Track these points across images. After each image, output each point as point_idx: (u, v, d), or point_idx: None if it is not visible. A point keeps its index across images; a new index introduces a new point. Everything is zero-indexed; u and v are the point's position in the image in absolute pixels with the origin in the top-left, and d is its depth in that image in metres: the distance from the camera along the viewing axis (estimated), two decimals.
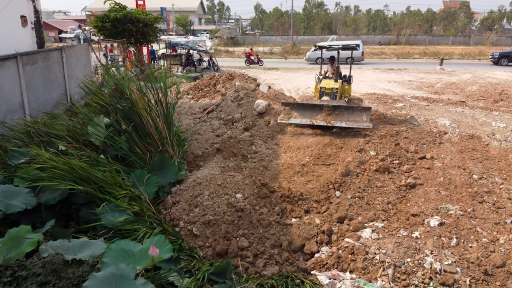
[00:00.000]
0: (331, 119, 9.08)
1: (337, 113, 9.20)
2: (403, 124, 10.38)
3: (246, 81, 14.37)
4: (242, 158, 7.65)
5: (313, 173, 6.78)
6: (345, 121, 9.01)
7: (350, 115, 9.15)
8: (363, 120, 9.00)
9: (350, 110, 9.22)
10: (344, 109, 9.22)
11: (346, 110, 9.21)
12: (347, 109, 9.25)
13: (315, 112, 9.28)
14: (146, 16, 19.26)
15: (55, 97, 10.51)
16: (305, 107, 9.45)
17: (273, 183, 6.12)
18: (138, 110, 6.13)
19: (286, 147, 8.33)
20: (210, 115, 11.51)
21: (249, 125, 9.27)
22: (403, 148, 7.89)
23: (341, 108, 9.23)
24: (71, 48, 11.83)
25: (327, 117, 9.14)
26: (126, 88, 6.20)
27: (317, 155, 7.64)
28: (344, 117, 9.13)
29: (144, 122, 6.14)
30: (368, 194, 6.07)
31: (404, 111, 12.25)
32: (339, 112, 9.21)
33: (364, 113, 9.12)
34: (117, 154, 6.11)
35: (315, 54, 28.99)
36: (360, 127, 8.96)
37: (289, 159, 7.53)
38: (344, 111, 9.20)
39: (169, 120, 7.21)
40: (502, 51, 29.92)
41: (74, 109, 7.41)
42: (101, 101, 6.36)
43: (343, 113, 9.19)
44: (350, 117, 9.12)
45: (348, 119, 9.09)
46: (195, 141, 9.33)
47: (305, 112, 9.32)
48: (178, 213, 5.44)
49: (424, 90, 16.49)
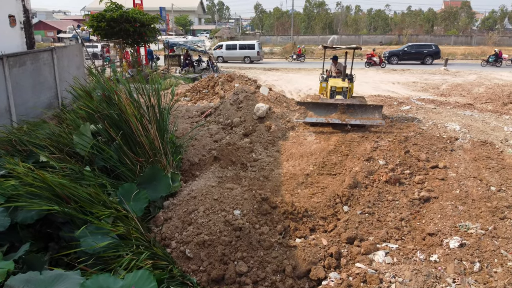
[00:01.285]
0: (346, 117, 9.44)
1: (351, 111, 9.57)
2: (410, 128, 9.87)
3: (246, 82, 13.84)
4: (241, 166, 7.14)
5: (318, 184, 6.27)
6: (359, 119, 9.39)
7: (363, 113, 9.53)
8: (376, 118, 9.44)
9: (363, 108, 9.57)
10: (357, 107, 9.57)
11: (359, 108, 9.57)
12: (361, 107, 9.59)
13: (330, 110, 9.66)
14: (143, 16, 18.75)
15: (45, 100, 10.00)
16: (320, 106, 9.82)
17: (275, 197, 5.61)
18: (127, 117, 5.62)
19: (288, 155, 7.82)
20: (208, 118, 11.00)
21: (249, 130, 8.76)
22: (413, 156, 7.38)
23: (355, 106, 9.58)
24: (62, 49, 11.32)
25: (342, 115, 9.50)
26: (113, 93, 5.68)
27: (322, 163, 7.13)
28: (358, 115, 9.50)
29: (134, 130, 5.63)
30: (379, 209, 5.56)
31: (411, 115, 11.74)
32: (352, 110, 9.57)
33: (376, 110, 9.57)
34: (104, 166, 5.59)
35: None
36: (374, 124, 9.34)
37: (291, 168, 7.01)
38: (357, 109, 9.56)
39: (163, 127, 6.71)
40: (391, 50, 31.36)
41: (62, 115, 6.89)
42: (87, 108, 5.84)
43: (357, 111, 9.56)
44: (364, 115, 9.50)
45: (361, 116, 9.47)
46: (192, 147, 8.83)
47: (320, 111, 9.71)
48: (170, 232, 4.94)
49: (429, 92, 15.98)
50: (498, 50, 28.04)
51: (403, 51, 29.56)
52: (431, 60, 28.73)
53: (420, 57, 28.75)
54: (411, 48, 29.45)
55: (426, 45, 30.46)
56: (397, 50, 30.25)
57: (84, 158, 5.55)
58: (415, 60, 28.94)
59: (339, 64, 12.34)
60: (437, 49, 29.25)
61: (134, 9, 19.13)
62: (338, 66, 12.28)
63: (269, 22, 75.28)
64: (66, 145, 5.64)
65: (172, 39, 22.93)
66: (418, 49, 29.27)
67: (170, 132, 7.66)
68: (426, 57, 28.66)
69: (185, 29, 64.94)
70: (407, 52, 29.27)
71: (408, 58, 29.12)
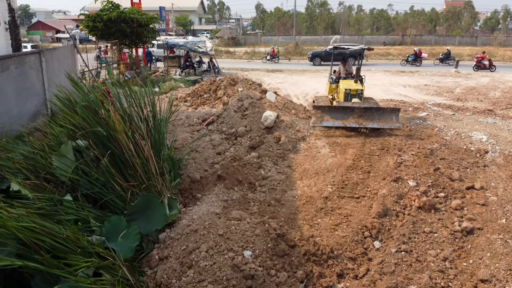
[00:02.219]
0: (363, 120, 9.22)
1: (368, 115, 9.32)
2: (433, 139, 8.97)
3: (250, 86, 12.97)
4: (249, 186, 6.25)
5: (340, 211, 5.38)
6: (376, 122, 9.21)
7: (380, 116, 9.32)
8: (393, 121, 9.29)
9: (380, 111, 9.39)
10: (374, 111, 9.36)
11: (376, 111, 9.36)
12: (378, 110, 9.40)
13: (346, 114, 9.36)
14: (141, 16, 17.84)
15: (32, 108, 9.13)
16: (337, 109, 9.53)
17: (291, 229, 4.72)
18: (115, 135, 4.73)
19: (301, 171, 6.93)
20: (210, 127, 10.12)
21: (256, 142, 7.87)
22: (444, 174, 6.49)
23: (372, 109, 9.38)
24: (52, 51, 10.44)
25: (359, 119, 9.26)
26: (99, 106, 4.80)
27: (341, 183, 6.24)
28: (375, 118, 9.30)
29: (124, 150, 4.74)
30: (416, 245, 4.67)
31: (429, 122, 10.85)
32: (369, 113, 9.33)
33: (393, 114, 9.38)
34: (89, 193, 4.71)
35: None
36: (392, 127, 9.20)
37: (307, 188, 6.12)
38: (374, 112, 9.34)
39: (159, 142, 5.83)
40: (314, 51, 31.68)
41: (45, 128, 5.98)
42: (69, 124, 4.96)
43: (374, 115, 9.32)
44: (381, 118, 9.32)
45: (379, 120, 9.28)
46: (192, 161, 7.95)
47: (336, 115, 9.43)
48: (166, 276, 4.05)
49: (444, 96, 15.08)
50: (417, 49, 29.13)
51: (326, 52, 29.34)
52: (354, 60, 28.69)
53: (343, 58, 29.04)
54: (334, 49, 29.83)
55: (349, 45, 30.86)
56: (320, 52, 30.50)
57: (65, 183, 4.67)
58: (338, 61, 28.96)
59: (348, 65, 11.93)
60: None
61: (131, 9, 18.22)
62: (348, 67, 11.86)
63: (270, 22, 74.30)
64: (44, 168, 4.75)
65: (172, 40, 22.02)
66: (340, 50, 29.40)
67: (167, 146, 6.78)
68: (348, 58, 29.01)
69: (186, 29, 64.05)
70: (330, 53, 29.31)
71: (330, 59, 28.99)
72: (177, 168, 7.17)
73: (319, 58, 29.38)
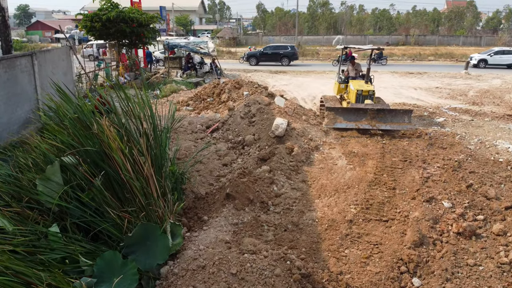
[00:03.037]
0: (376, 122, 9.22)
1: (380, 116, 9.31)
2: (456, 148, 8.30)
3: (256, 90, 12.29)
4: (261, 206, 5.58)
5: (368, 238, 4.70)
6: (389, 124, 9.24)
7: (393, 117, 9.35)
8: (405, 123, 9.35)
9: (393, 113, 9.41)
10: (387, 112, 9.37)
11: (389, 113, 9.38)
12: (390, 112, 9.41)
13: (359, 116, 9.33)
14: (141, 15, 17.16)
15: (23, 115, 8.46)
16: (349, 111, 9.43)
17: (316, 264, 4.05)
18: (110, 153, 4.06)
19: (318, 187, 6.25)
20: (214, 134, 9.45)
21: (267, 153, 7.19)
22: (479, 192, 5.81)
23: (385, 111, 9.37)
24: (46, 53, 9.76)
25: (371, 120, 9.24)
26: (91, 120, 4.12)
27: (365, 202, 5.57)
28: (388, 119, 9.31)
29: (120, 171, 4.07)
30: (461, 281, 4.00)
31: (448, 128, 10.18)
32: (382, 115, 9.33)
33: (406, 115, 9.42)
34: (80, 222, 4.04)
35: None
36: (404, 129, 9.26)
37: (327, 209, 5.45)
38: (387, 114, 9.35)
39: (160, 157, 5.15)
40: (250, 51, 31.85)
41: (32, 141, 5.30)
42: (56, 141, 4.28)
43: (387, 116, 9.34)
44: (394, 120, 9.33)
45: (391, 121, 9.30)
46: (197, 173, 7.28)
47: (349, 116, 9.36)
48: None
49: (458, 100, 14.40)
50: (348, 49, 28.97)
51: (260, 52, 30.10)
52: (288, 61, 29.43)
53: (277, 58, 29.39)
54: (268, 50, 30.27)
55: (282, 46, 31.27)
56: (255, 52, 30.97)
57: (52, 210, 4.00)
58: (273, 61, 29.61)
59: (357, 64, 11.74)
60: (293, 50, 29.93)
61: (131, 8, 17.54)
62: (357, 66, 11.63)
63: (271, 22, 73.64)
64: (28, 193, 4.08)
65: (173, 40, 21.33)
66: (274, 51, 29.93)
67: (170, 159, 6.11)
68: (282, 58, 29.34)
69: (186, 29, 63.38)
70: (265, 53, 29.94)
71: (265, 59, 29.65)
72: (180, 182, 6.52)
73: (255, 59, 29.78)
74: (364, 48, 12.49)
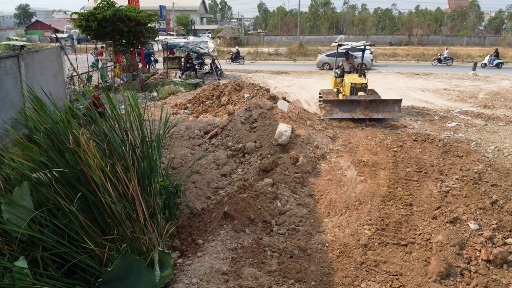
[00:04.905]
0: (368, 112, 10.09)
1: (373, 106, 10.14)
2: (472, 157, 7.70)
3: (258, 92, 11.67)
4: (263, 226, 4.99)
5: (386, 266, 4.11)
6: (381, 113, 10.13)
7: (384, 107, 10.20)
8: (395, 111, 10.24)
9: (384, 102, 10.30)
10: (379, 102, 10.25)
11: (380, 103, 10.26)
12: (381, 102, 10.31)
13: (353, 106, 10.19)
14: (138, 13, 16.57)
15: (7, 121, 7.87)
16: (344, 103, 10.33)
17: None
18: (88, 172, 3.48)
19: (327, 203, 5.66)
20: (213, 140, 8.87)
21: (269, 164, 6.60)
22: (506, 210, 5.22)
23: (377, 101, 10.25)
24: (33, 54, 9.18)
25: (365, 110, 10.11)
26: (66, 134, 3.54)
27: (380, 221, 4.98)
28: (379, 109, 10.15)
29: (99, 194, 3.49)
30: None
31: (462, 134, 9.57)
32: (374, 105, 10.17)
33: (396, 104, 10.29)
34: (52, 254, 3.46)
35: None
36: (394, 117, 10.24)
37: (337, 230, 4.85)
38: (379, 104, 10.22)
39: (149, 172, 4.56)
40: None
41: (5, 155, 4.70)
42: (25, 159, 3.70)
43: (378, 106, 10.19)
44: (385, 109, 10.19)
45: (383, 110, 10.17)
46: (193, 185, 6.71)
47: (344, 108, 10.22)
48: None
49: (469, 103, 13.78)
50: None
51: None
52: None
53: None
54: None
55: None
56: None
57: (20, 240, 3.42)
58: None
59: (352, 59, 12.72)
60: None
61: (128, 7, 16.95)
62: (351, 61, 12.55)
63: (272, 22, 72.96)
64: None
65: (172, 40, 20.71)
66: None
67: (162, 172, 5.53)
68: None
69: (187, 29, 62.78)
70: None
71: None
72: (175, 195, 5.94)
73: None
74: (357, 44, 12.52)
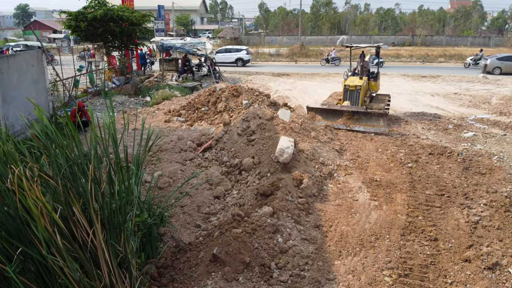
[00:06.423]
0: (351, 123, 9.73)
1: (356, 118, 9.76)
2: (497, 174, 6.84)
3: (257, 98, 10.79)
4: (261, 271, 4.12)
5: None
6: (363, 126, 9.61)
7: (368, 120, 9.67)
8: (380, 125, 9.54)
9: (367, 115, 9.68)
10: (363, 115, 9.70)
11: (364, 115, 9.70)
12: (366, 114, 9.70)
13: (336, 116, 9.95)
14: (131, 13, 15.72)
15: None
16: (327, 111, 10.09)
17: None
18: (29, 221, 2.63)
19: (337, 237, 4.79)
20: (207, 154, 8.01)
21: (268, 187, 5.73)
22: None
23: (360, 113, 9.71)
24: (10, 58, 8.33)
25: (347, 121, 9.78)
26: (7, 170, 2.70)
27: (402, 264, 4.12)
28: (363, 121, 9.69)
29: (42, 250, 2.63)
30: None
31: (480, 146, 8.70)
32: (358, 117, 9.74)
33: (381, 118, 9.59)
34: None
35: None
36: (378, 132, 9.43)
37: (351, 277, 3.99)
38: (363, 116, 9.70)
39: (123, 208, 3.72)
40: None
41: None
42: None
43: (362, 118, 9.72)
44: (368, 122, 9.66)
45: (366, 123, 9.64)
46: (180, 210, 5.86)
47: (327, 116, 10.03)
48: None
49: (483, 109, 12.90)
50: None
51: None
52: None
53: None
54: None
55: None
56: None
57: None
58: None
59: (366, 62, 11.94)
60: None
61: (121, 6, 16.09)
62: (365, 63, 11.80)
63: (274, 22, 72.07)
64: None
65: (168, 41, 19.84)
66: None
67: (143, 203, 4.66)
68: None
69: (187, 29, 61.93)
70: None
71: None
72: (159, 223, 5.11)
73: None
74: (362, 46, 12.12)
